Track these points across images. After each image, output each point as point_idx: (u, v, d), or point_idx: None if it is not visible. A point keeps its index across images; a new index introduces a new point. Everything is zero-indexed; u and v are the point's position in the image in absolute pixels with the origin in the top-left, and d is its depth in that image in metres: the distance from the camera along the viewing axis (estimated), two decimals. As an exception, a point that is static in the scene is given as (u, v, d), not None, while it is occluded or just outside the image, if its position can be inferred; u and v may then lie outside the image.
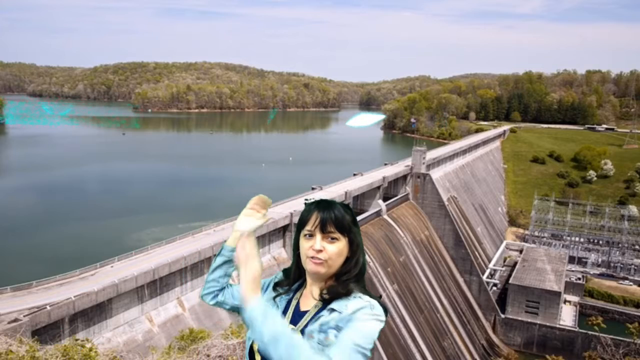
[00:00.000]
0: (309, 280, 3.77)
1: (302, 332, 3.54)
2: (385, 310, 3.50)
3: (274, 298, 3.87)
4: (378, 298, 3.55)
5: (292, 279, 3.89)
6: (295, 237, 3.80)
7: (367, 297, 3.49)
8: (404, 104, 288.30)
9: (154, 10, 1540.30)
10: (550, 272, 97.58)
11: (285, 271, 4.00)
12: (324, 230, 3.57)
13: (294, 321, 3.65)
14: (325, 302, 3.57)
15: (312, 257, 3.58)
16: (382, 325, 3.36)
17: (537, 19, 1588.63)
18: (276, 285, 3.94)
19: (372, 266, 71.72)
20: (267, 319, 3.08)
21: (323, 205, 3.64)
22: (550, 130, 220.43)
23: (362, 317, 3.31)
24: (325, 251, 3.57)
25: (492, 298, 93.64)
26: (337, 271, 3.64)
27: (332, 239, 3.59)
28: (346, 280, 3.59)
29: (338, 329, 3.31)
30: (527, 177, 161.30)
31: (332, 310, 3.44)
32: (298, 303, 3.75)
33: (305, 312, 3.66)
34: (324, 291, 3.61)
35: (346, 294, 3.52)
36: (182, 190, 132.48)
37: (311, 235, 3.62)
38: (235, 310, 3.82)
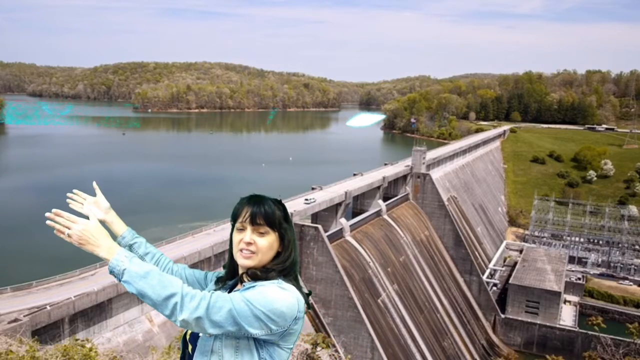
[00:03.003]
0: (240, 273, 3.89)
1: None
2: (307, 301, 3.63)
3: (217, 286, 4.08)
4: (307, 293, 3.69)
5: (228, 273, 4.01)
6: (231, 231, 3.92)
7: (287, 283, 3.62)
8: (404, 104, 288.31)
9: (154, 10, 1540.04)
10: (550, 272, 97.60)
11: (225, 267, 4.14)
12: (253, 223, 3.70)
13: None
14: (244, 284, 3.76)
15: (242, 250, 3.72)
16: (290, 299, 3.47)
17: (537, 19, 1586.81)
18: (218, 281, 4.10)
19: (372, 266, 71.75)
20: (132, 263, 3.37)
21: (254, 199, 3.78)
22: (550, 130, 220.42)
23: (264, 284, 3.54)
24: (255, 244, 3.70)
25: (492, 298, 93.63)
26: (267, 264, 3.76)
27: (262, 232, 3.71)
28: (269, 268, 3.72)
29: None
30: (527, 177, 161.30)
31: (243, 287, 3.63)
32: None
33: None
34: (244, 276, 3.75)
35: (266, 278, 3.66)
36: (182, 190, 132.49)
37: (242, 229, 3.75)
38: None
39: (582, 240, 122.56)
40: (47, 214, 3.73)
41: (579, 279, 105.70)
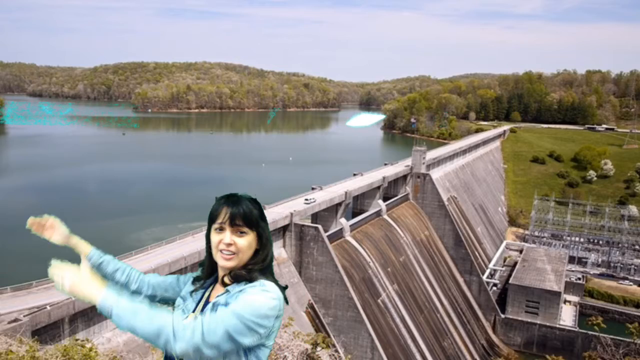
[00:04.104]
0: (220, 273, 3.89)
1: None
2: (285, 297, 3.69)
3: (191, 293, 4.01)
4: (283, 287, 3.74)
5: (206, 273, 4.00)
6: (206, 231, 3.90)
7: (269, 282, 3.68)
8: (404, 104, 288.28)
9: (154, 10, 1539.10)
10: (550, 272, 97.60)
11: (200, 265, 4.12)
12: (233, 224, 3.70)
13: (204, 308, 3.82)
14: (227, 287, 3.76)
15: (222, 251, 3.72)
16: (272, 301, 3.51)
17: (537, 19, 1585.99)
18: (195, 280, 4.09)
19: (372, 266, 71.75)
20: (119, 302, 3.35)
21: (232, 200, 3.78)
22: (550, 130, 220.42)
23: (249, 291, 3.55)
24: (235, 244, 3.71)
25: (492, 298, 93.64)
26: (246, 263, 3.79)
27: (241, 232, 3.73)
28: (251, 268, 3.76)
29: (227, 305, 3.49)
30: (527, 177, 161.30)
31: (227, 291, 3.67)
32: (209, 296, 3.88)
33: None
34: (226, 277, 3.77)
35: (250, 279, 3.69)
36: (182, 190, 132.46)
37: (221, 229, 3.75)
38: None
39: (582, 240, 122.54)
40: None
41: (579, 279, 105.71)
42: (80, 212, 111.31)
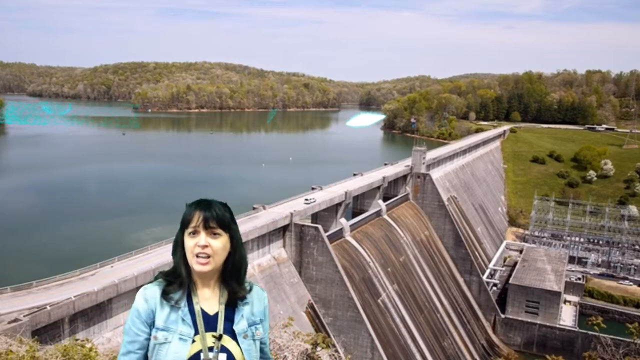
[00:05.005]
0: (199, 281, 3.90)
1: (229, 332, 3.82)
2: None
3: (172, 307, 3.81)
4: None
5: (185, 280, 3.87)
6: (177, 237, 3.91)
7: (248, 280, 4.09)
8: (404, 104, 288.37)
9: (154, 10, 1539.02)
10: (550, 272, 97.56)
11: (166, 275, 3.93)
12: (207, 226, 3.78)
13: (209, 325, 3.79)
14: (231, 300, 3.94)
15: (198, 255, 3.76)
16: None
17: (537, 19, 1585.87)
18: (165, 294, 3.84)
19: (372, 266, 71.74)
20: None
21: (204, 204, 3.88)
22: (550, 130, 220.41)
23: (267, 305, 4.15)
24: (210, 247, 3.78)
25: (492, 298, 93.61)
26: (223, 267, 3.89)
27: (215, 234, 3.81)
28: (242, 278, 3.99)
29: (261, 322, 4.01)
30: (527, 177, 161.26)
31: (245, 303, 3.99)
32: (201, 308, 3.85)
33: (215, 314, 3.85)
34: (233, 297, 3.94)
35: (244, 289, 4.00)
36: (183, 190, 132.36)
37: (195, 233, 3.80)
38: None
39: (582, 240, 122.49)
40: None
41: (579, 279, 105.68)
42: (80, 212, 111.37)
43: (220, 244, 3.81)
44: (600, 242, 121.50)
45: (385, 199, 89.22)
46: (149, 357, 3.77)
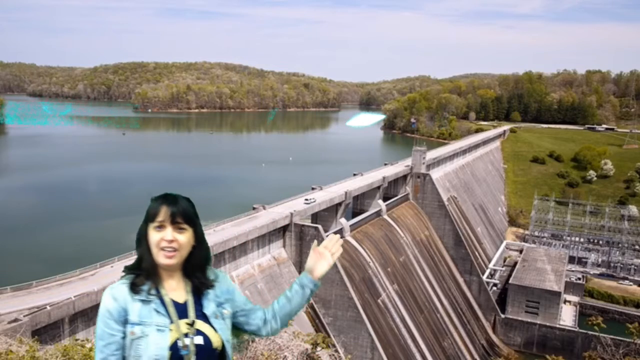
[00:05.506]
0: (164, 273, 3.99)
1: (202, 316, 3.97)
2: None
3: (143, 301, 3.87)
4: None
5: (152, 271, 3.96)
6: (141, 230, 4.00)
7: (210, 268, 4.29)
8: (404, 104, 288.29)
9: (154, 10, 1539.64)
10: (550, 272, 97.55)
11: (131, 268, 4.01)
12: (174, 221, 3.88)
13: (181, 313, 3.91)
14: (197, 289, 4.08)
15: (165, 248, 3.86)
16: None
17: (537, 19, 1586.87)
18: (135, 287, 3.90)
19: (372, 266, 71.72)
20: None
21: (170, 199, 3.97)
22: (550, 130, 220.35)
23: (229, 283, 4.33)
24: (176, 241, 3.87)
25: (492, 298, 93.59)
26: (187, 259, 3.99)
27: (181, 229, 3.91)
28: (205, 269, 4.14)
29: (227, 301, 4.17)
30: (527, 177, 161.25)
31: (209, 286, 4.11)
32: (171, 299, 3.96)
33: (185, 302, 3.98)
34: (199, 287, 4.09)
35: (209, 279, 4.16)
36: (182, 190, 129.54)
37: (161, 227, 3.89)
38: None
39: (582, 240, 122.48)
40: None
41: (579, 279, 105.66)
42: (80, 212, 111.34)
43: (185, 238, 3.92)
44: (600, 242, 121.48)
45: (385, 199, 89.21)
46: (126, 355, 3.78)
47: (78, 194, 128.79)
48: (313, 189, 78.89)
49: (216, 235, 54.68)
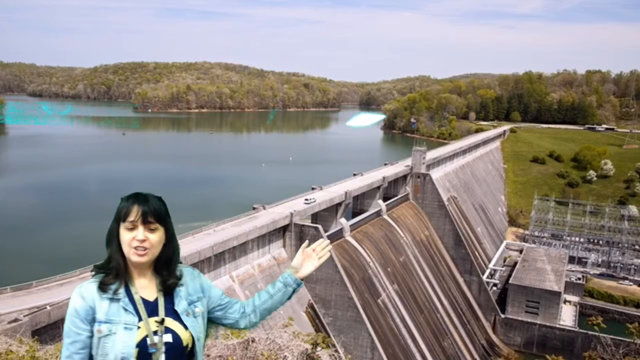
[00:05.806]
0: (135, 271, 4.02)
1: (173, 314, 3.98)
2: None
3: (112, 299, 3.89)
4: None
5: (122, 270, 3.98)
6: (112, 229, 4.01)
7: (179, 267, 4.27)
8: (404, 104, 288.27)
9: (154, 10, 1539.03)
10: (550, 272, 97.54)
11: (101, 267, 4.03)
12: (145, 221, 3.90)
13: (150, 311, 3.92)
14: (165, 287, 4.07)
15: (136, 248, 3.88)
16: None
17: (537, 19, 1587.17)
18: (103, 286, 3.92)
19: (372, 266, 71.72)
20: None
21: (142, 198, 3.97)
22: (550, 130, 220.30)
23: (203, 279, 4.37)
24: (147, 240, 3.90)
25: (492, 298, 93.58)
26: (158, 257, 4.01)
27: (152, 229, 3.93)
28: (173, 267, 4.13)
29: (199, 299, 4.18)
30: (527, 177, 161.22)
31: (179, 285, 4.13)
32: (141, 297, 3.97)
33: (155, 300, 3.99)
34: (165, 285, 4.08)
35: (176, 277, 4.14)
36: (182, 190, 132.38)
37: (133, 228, 3.90)
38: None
39: (582, 240, 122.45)
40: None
41: (579, 279, 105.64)
42: (80, 212, 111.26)
43: (157, 237, 3.95)
44: (600, 242, 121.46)
45: (385, 199, 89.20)
46: (94, 353, 3.81)
47: (78, 194, 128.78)
48: (313, 189, 78.88)
49: (216, 235, 54.71)
